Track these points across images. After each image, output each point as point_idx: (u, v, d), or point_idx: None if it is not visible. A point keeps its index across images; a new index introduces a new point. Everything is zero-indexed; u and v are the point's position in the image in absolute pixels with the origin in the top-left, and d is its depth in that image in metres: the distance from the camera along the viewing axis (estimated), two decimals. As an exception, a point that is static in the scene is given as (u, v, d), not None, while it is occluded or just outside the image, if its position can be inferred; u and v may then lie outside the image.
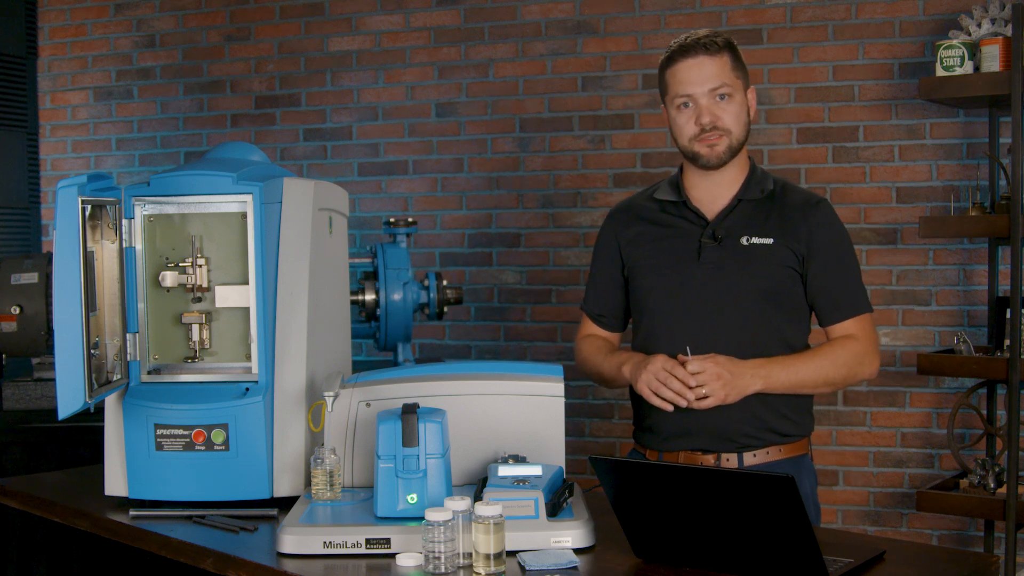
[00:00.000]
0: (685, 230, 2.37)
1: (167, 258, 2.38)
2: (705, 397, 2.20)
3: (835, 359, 2.32)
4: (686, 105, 2.32)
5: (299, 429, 2.32)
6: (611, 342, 2.54)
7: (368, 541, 1.95)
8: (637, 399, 2.43)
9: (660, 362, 2.24)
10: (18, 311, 2.97)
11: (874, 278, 3.89)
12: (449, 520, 1.83)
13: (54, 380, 2.12)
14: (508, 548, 1.85)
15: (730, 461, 2.32)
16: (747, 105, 2.35)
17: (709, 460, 2.32)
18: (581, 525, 1.96)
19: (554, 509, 2.00)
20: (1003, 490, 3.44)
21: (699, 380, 2.20)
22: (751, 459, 2.32)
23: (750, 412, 2.30)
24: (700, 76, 2.30)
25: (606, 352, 2.47)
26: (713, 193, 2.38)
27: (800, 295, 2.36)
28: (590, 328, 2.56)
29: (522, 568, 1.85)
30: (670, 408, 2.24)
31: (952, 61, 3.51)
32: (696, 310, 2.32)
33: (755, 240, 2.32)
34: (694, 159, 2.34)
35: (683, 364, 2.23)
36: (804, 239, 2.33)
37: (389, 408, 2.17)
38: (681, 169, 2.44)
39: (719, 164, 2.33)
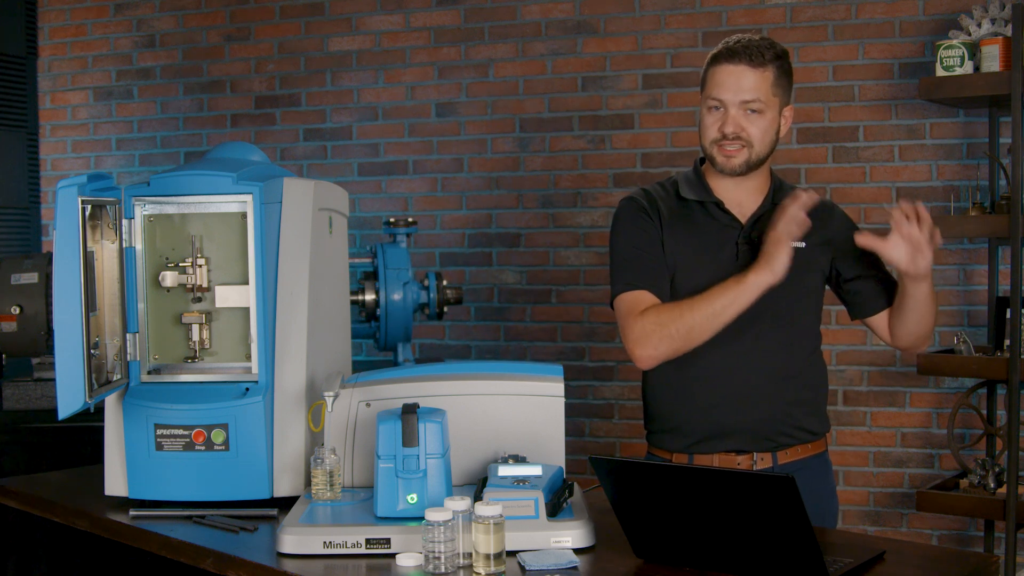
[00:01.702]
0: (720, 232, 2.35)
1: (167, 258, 2.38)
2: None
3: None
4: (716, 108, 2.30)
5: (299, 429, 2.32)
6: None
7: (368, 541, 1.95)
8: (656, 400, 2.40)
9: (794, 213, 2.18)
10: (18, 311, 2.97)
11: (874, 278, 3.88)
12: (449, 520, 1.83)
13: (54, 380, 2.12)
14: (508, 548, 1.85)
15: (764, 460, 2.32)
16: (778, 122, 2.33)
17: (745, 461, 2.32)
18: (581, 525, 1.96)
19: (554, 509, 2.00)
20: (1003, 490, 3.44)
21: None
22: (784, 457, 2.33)
23: (783, 410, 2.32)
24: (736, 85, 2.27)
25: (687, 299, 2.26)
26: (740, 197, 2.36)
27: (819, 296, 2.40)
28: (651, 299, 2.30)
29: (522, 568, 1.85)
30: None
31: (952, 61, 3.51)
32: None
33: (791, 243, 2.31)
34: (712, 162, 2.34)
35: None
36: (831, 240, 2.36)
37: (389, 408, 2.17)
38: (698, 168, 2.41)
39: (732, 173, 2.32)
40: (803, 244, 2.32)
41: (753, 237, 2.32)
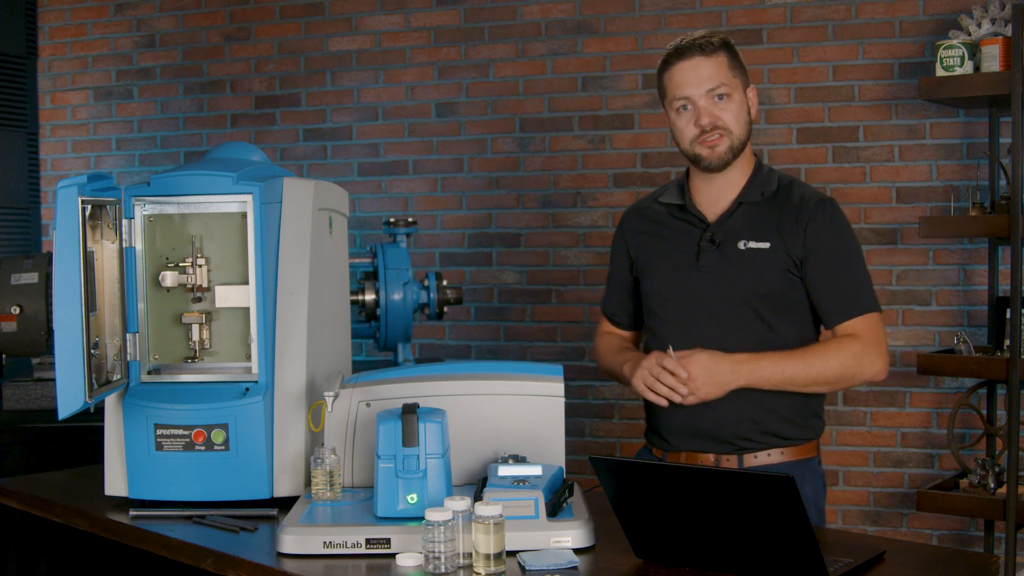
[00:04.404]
0: (687, 233, 2.38)
1: (167, 258, 2.38)
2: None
3: (828, 357, 2.27)
4: (685, 108, 2.31)
5: (299, 429, 2.32)
6: (626, 339, 2.57)
7: (368, 541, 1.95)
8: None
9: (653, 359, 2.26)
10: (18, 311, 2.97)
11: (874, 278, 3.82)
12: (449, 520, 1.83)
13: (54, 380, 2.12)
14: (508, 548, 1.85)
15: (730, 462, 2.32)
16: (747, 104, 2.34)
17: (709, 459, 2.33)
18: (581, 525, 1.96)
19: (554, 509, 2.00)
20: (1003, 490, 3.44)
21: (681, 379, 2.22)
22: (751, 460, 2.32)
23: (746, 415, 2.29)
24: (697, 77, 2.29)
25: (617, 350, 2.51)
26: (715, 196, 2.37)
27: (801, 299, 2.34)
28: (606, 326, 2.60)
29: (522, 568, 1.85)
30: (665, 403, 2.25)
31: (952, 61, 3.51)
32: (695, 314, 2.33)
33: (752, 244, 2.31)
34: (696, 161, 2.34)
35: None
36: (801, 242, 2.31)
37: (389, 408, 2.17)
38: (688, 171, 2.44)
39: (721, 165, 2.31)
40: (767, 245, 2.32)
41: (715, 239, 2.34)
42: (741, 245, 2.32)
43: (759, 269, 2.30)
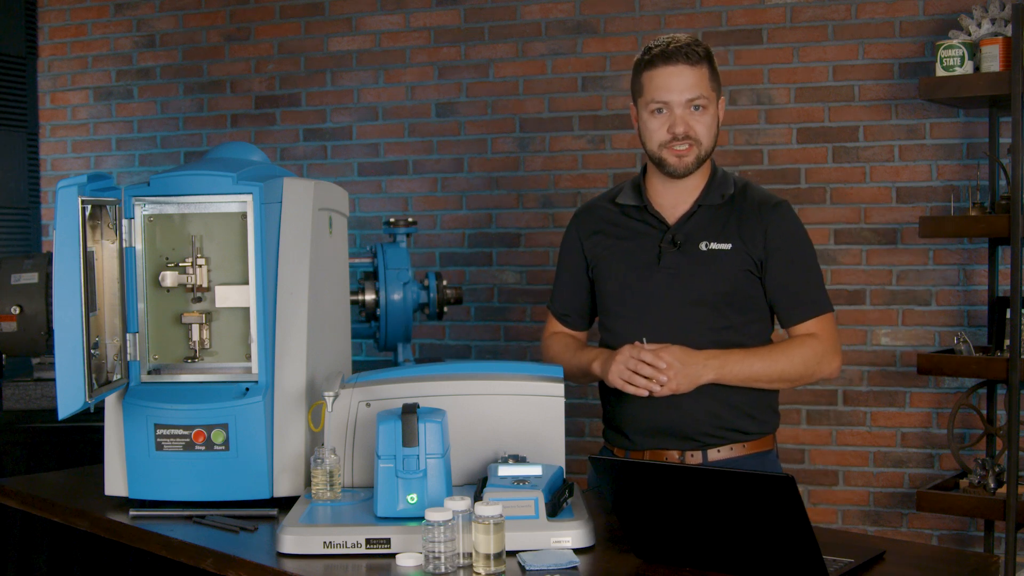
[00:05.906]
0: (646, 235, 2.40)
1: (167, 258, 2.38)
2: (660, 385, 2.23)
3: (792, 355, 2.34)
4: (660, 111, 2.33)
5: (299, 429, 2.32)
6: (578, 339, 2.58)
7: (368, 541, 1.95)
8: (606, 398, 2.47)
9: (627, 352, 2.27)
10: (18, 311, 2.97)
11: (874, 278, 3.89)
12: (449, 520, 1.83)
13: (54, 380, 2.12)
14: (508, 548, 1.85)
15: (695, 457, 2.35)
16: (718, 116, 2.38)
17: (674, 456, 2.36)
18: (581, 525, 1.96)
19: (554, 509, 2.00)
20: (1003, 490, 3.44)
21: (658, 369, 2.22)
22: (715, 455, 2.36)
23: (710, 412, 2.34)
24: (679, 85, 2.30)
25: (575, 348, 2.51)
26: (675, 198, 2.40)
27: (760, 298, 2.39)
28: (556, 327, 2.60)
29: (522, 568, 1.85)
30: (644, 394, 2.25)
31: (952, 61, 3.51)
32: (656, 314, 2.36)
33: (714, 245, 2.35)
34: (660, 165, 2.36)
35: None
36: (761, 242, 2.36)
37: (389, 408, 2.17)
38: (644, 172, 2.46)
39: (685, 174, 2.35)
40: (729, 246, 2.35)
41: (676, 240, 2.36)
42: (703, 246, 2.36)
43: (721, 269, 2.34)
